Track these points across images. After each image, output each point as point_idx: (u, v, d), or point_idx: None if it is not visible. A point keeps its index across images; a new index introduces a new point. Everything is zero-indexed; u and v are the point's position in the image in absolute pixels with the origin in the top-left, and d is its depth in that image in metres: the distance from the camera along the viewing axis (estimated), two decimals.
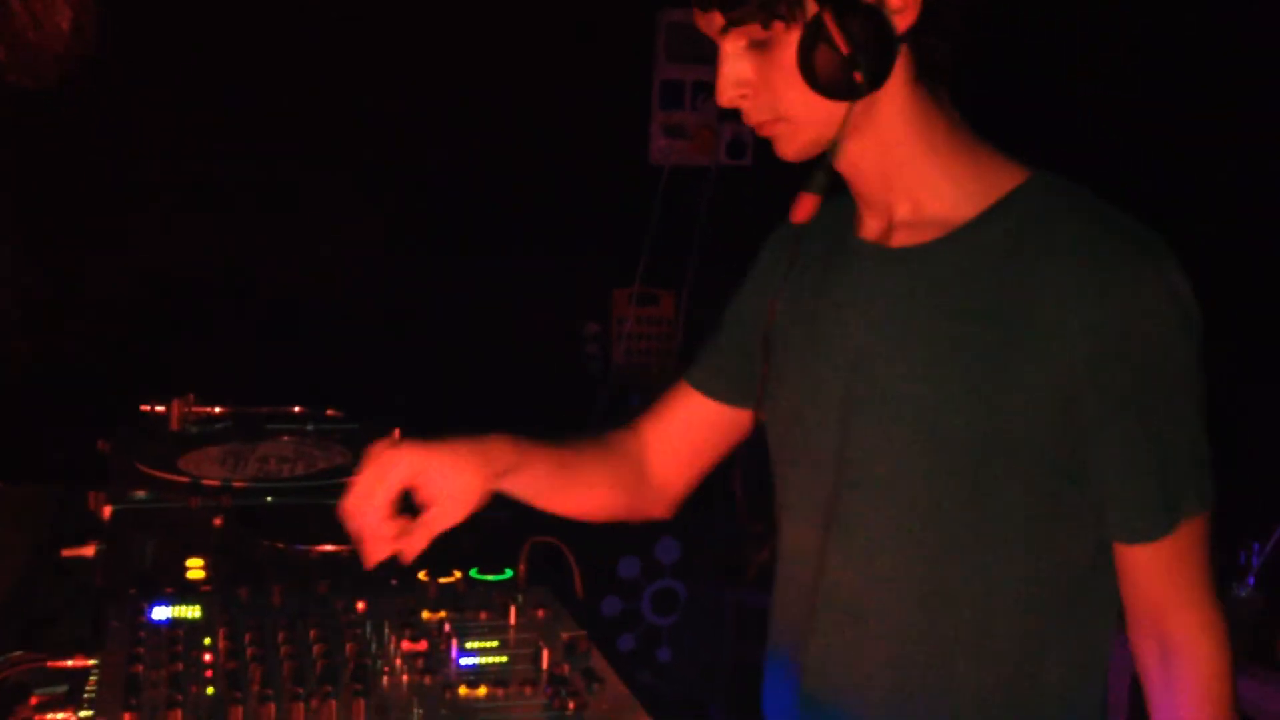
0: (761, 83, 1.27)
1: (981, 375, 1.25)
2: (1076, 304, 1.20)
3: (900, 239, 1.34)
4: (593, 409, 3.41)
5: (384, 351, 2.97)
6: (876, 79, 1.23)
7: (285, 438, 2.07)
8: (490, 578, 1.60)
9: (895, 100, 1.28)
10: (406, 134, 3.05)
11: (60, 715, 1.26)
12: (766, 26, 1.23)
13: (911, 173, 1.31)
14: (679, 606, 3.55)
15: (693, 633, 3.52)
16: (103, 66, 2.30)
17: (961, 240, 1.29)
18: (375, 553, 1.33)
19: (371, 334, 2.99)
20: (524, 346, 3.24)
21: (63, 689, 1.30)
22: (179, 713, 1.20)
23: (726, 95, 1.29)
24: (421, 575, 1.60)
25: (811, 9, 1.21)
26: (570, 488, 1.54)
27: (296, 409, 2.17)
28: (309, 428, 2.12)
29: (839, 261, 1.40)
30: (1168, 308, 1.21)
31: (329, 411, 2.16)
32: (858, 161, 1.32)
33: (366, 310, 3.03)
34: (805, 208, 1.31)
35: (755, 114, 1.30)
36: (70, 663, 1.33)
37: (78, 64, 2.36)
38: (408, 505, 1.33)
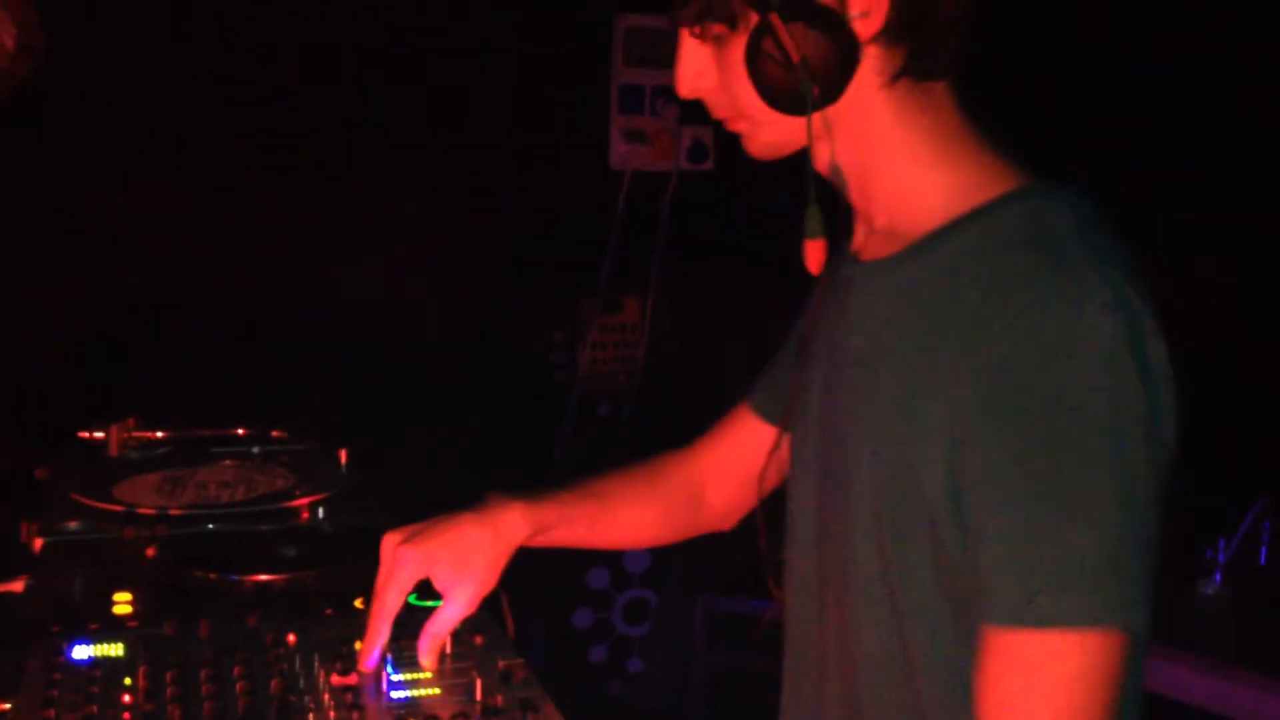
0: (720, 79, 1.17)
1: (886, 419, 1.12)
2: (980, 338, 1.03)
3: (869, 251, 1.22)
4: (560, 418, 3.37)
5: (342, 363, 2.92)
6: (830, 92, 1.11)
7: (228, 462, 2.02)
8: (429, 603, 1.55)
9: (866, 102, 1.15)
10: (362, 141, 3.00)
11: None
12: (714, 26, 1.14)
13: (884, 178, 1.18)
14: (650, 616, 3.51)
15: (664, 642, 3.49)
16: (42, 89, 2.26)
17: (909, 259, 1.15)
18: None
19: (328, 346, 2.94)
20: (488, 356, 3.20)
21: None
22: None
23: (681, 88, 1.20)
24: (357, 603, 1.56)
25: (754, 17, 1.11)
26: (616, 525, 1.51)
27: (240, 431, 2.12)
28: (254, 450, 2.08)
29: (831, 278, 1.27)
30: (1091, 353, 0.98)
31: (274, 433, 2.12)
32: (832, 165, 1.21)
33: (321, 321, 2.97)
34: (814, 257, 1.18)
35: (716, 109, 1.21)
36: None
37: (23, 82, 2.31)
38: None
